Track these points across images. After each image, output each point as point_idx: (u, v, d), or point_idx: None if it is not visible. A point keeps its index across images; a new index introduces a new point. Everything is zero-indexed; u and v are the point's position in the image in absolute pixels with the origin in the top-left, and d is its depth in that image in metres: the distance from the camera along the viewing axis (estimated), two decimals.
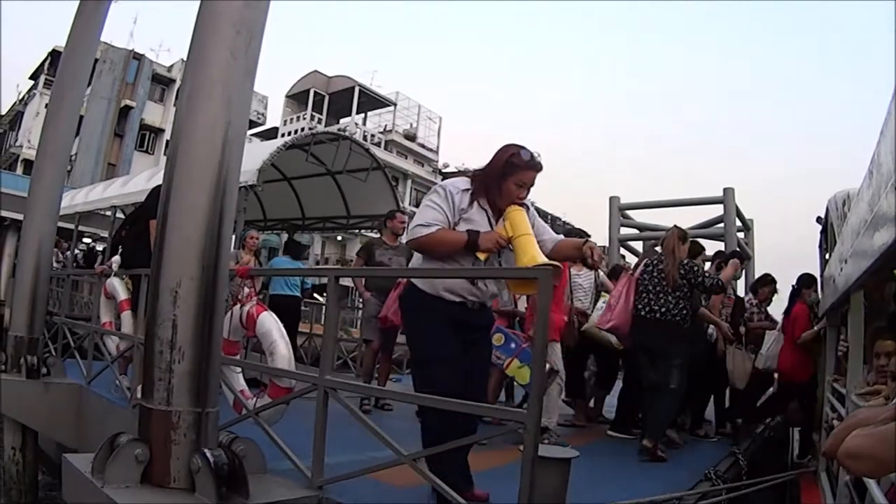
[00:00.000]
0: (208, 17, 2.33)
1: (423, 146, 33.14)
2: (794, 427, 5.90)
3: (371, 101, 31.96)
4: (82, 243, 14.67)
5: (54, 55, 24.60)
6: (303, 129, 28.07)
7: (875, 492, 2.02)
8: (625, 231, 9.76)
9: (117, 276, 4.75)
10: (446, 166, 32.51)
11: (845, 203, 4.69)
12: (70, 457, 2.33)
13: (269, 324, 3.43)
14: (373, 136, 30.71)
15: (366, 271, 5.40)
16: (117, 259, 4.80)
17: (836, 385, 3.92)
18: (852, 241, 3.09)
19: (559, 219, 34.13)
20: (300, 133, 13.34)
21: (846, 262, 3.31)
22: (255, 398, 3.31)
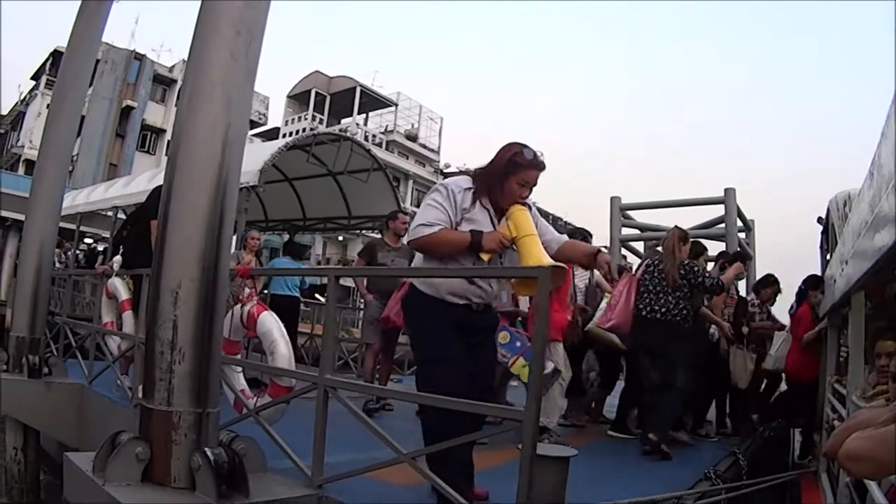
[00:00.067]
0: (209, 18, 2.34)
1: (424, 146, 33.16)
2: (796, 427, 5.90)
3: (372, 101, 31.99)
4: (84, 244, 14.69)
5: (56, 56, 24.61)
6: (304, 129, 28.10)
7: (875, 493, 2.01)
8: (626, 231, 9.73)
9: (119, 276, 4.76)
10: (448, 167, 32.49)
11: (846, 204, 4.69)
12: (71, 455, 2.34)
13: (270, 323, 3.43)
14: (374, 136, 30.73)
15: (365, 271, 5.40)
16: (118, 259, 4.80)
17: (837, 386, 3.92)
18: (853, 242, 3.09)
19: (560, 219, 34.11)
20: (301, 134, 13.37)
21: (847, 262, 3.31)
22: (256, 398, 3.32)
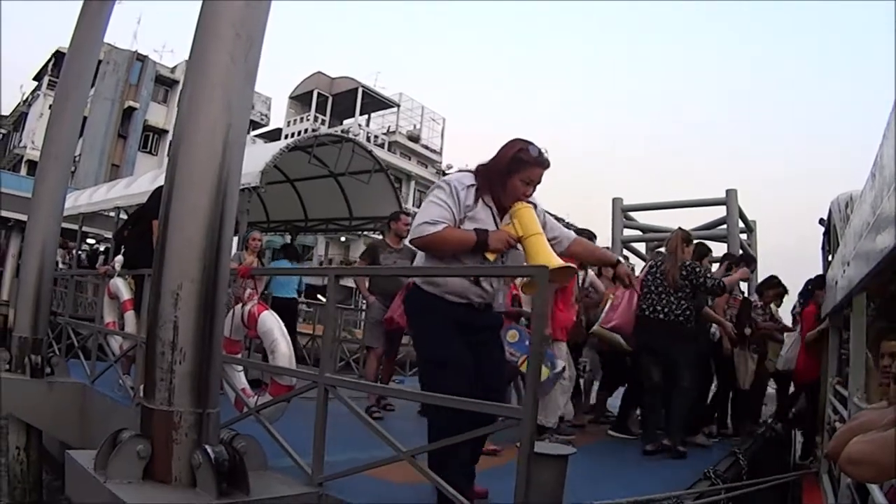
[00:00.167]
0: (209, 20, 2.35)
1: (426, 147, 33.17)
2: (797, 428, 5.89)
3: (374, 102, 32.02)
4: (86, 244, 14.72)
5: (58, 56, 24.67)
6: (306, 130, 28.11)
7: (877, 495, 2.00)
8: (627, 233, 9.74)
9: (120, 276, 4.77)
10: (450, 167, 32.45)
11: (848, 205, 4.68)
12: (73, 453, 2.35)
13: (271, 322, 3.45)
14: (376, 137, 30.75)
15: (366, 271, 5.39)
16: (120, 259, 4.82)
17: (839, 387, 3.91)
18: (855, 244, 3.08)
19: (563, 219, 33.84)
20: (303, 135, 13.37)
21: (848, 264, 3.30)
22: (257, 396, 3.32)
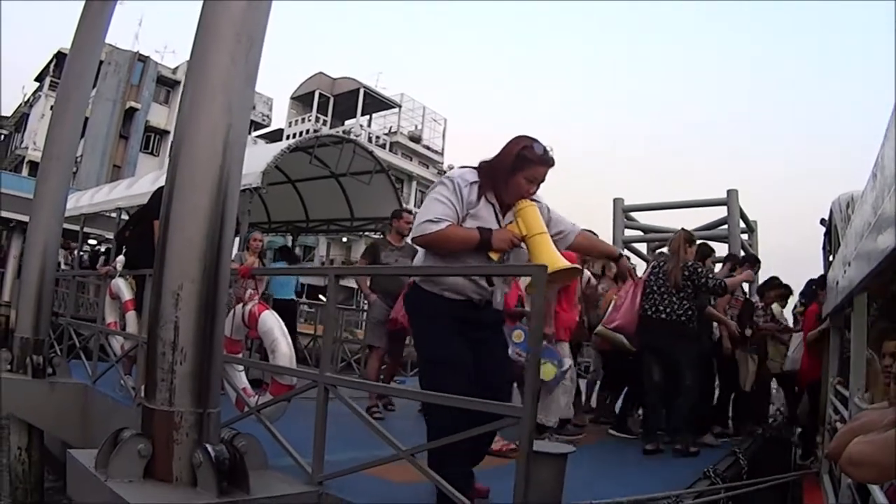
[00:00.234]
0: (209, 22, 2.36)
1: (428, 148, 33.15)
2: (798, 428, 5.89)
3: (376, 102, 32.01)
4: (87, 245, 14.74)
5: (59, 57, 24.71)
6: (308, 130, 28.14)
7: (878, 495, 2.00)
8: (629, 233, 9.73)
9: (122, 276, 4.78)
10: (451, 168, 32.38)
11: (849, 205, 4.67)
12: (74, 452, 2.35)
13: (271, 322, 3.45)
14: (378, 137, 30.74)
15: (366, 270, 5.39)
16: (122, 259, 4.83)
17: (839, 387, 3.91)
18: (856, 244, 3.07)
19: None
20: (304, 135, 13.38)
21: (849, 264, 3.29)
22: (257, 396, 3.33)
